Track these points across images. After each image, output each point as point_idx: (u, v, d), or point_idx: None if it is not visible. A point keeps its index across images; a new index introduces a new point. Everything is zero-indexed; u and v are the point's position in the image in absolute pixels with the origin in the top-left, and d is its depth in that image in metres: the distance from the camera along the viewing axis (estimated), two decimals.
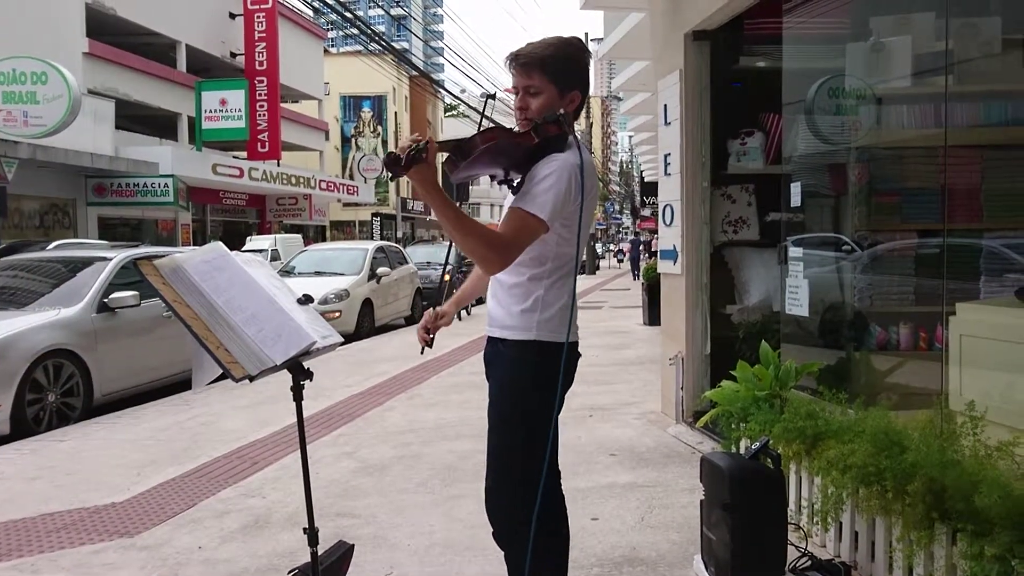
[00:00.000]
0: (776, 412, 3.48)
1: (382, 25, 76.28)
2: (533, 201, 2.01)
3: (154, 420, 6.02)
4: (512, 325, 2.17)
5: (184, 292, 1.91)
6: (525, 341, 2.14)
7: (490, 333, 2.27)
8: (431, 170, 1.89)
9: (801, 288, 4.17)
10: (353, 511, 3.85)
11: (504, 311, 2.19)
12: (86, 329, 6.44)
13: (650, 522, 3.59)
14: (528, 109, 2.12)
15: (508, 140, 1.99)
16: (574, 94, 2.16)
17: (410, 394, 6.87)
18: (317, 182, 27.53)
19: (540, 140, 2.02)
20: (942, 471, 2.41)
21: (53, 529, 3.70)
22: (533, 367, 2.14)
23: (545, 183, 2.02)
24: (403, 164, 1.81)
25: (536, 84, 2.11)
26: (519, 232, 2.01)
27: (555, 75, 2.11)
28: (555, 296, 2.14)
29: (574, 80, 2.15)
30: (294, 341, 1.98)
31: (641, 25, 8.31)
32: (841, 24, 4.53)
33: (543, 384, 2.12)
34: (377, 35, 23.93)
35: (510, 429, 2.19)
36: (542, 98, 2.11)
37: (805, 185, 4.48)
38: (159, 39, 22.04)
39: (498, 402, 2.23)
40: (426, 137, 1.89)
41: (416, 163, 1.83)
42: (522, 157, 2.05)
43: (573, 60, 2.15)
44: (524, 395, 2.16)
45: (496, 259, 1.99)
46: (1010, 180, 3.87)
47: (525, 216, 2.01)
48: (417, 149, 1.81)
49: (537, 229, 2.01)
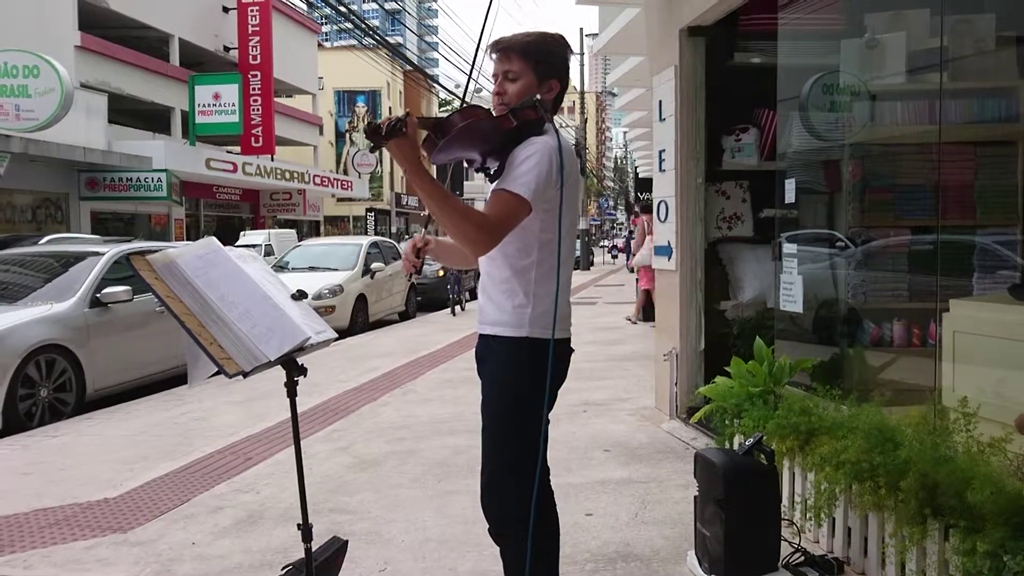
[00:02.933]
0: (770, 408, 3.48)
1: (377, 19, 76.05)
2: (515, 181, 2.02)
3: (147, 416, 6.00)
4: (504, 321, 2.16)
5: (177, 287, 1.90)
6: (518, 338, 2.14)
7: (481, 330, 2.27)
8: (411, 144, 1.90)
9: (795, 284, 4.18)
10: (347, 507, 3.85)
11: (495, 307, 2.19)
12: (78, 324, 6.41)
13: (644, 518, 3.59)
14: (506, 94, 2.13)
15: (487, 121, 2.00)
16: (552, 83, 2.16)
17: (404, 389, 6.86)
18: (311, 177, 27.46)
19: (518, 123, 2.02)
20: (935, 467, 2.42)
21: (46, 525, 3.69)
22: (526, 363, 2.14)
23: (526, 164, 2.03)
24: (383, 134, 1.82)
25: (515, 69, 2.11)
26: (502, 212, 2.01)
27: (535, 62, 2.12)
28: (545, 290, 2.14)
29: (553, 69, 2.16)
30: (288, 337, 1.97)
31: (636, 20, 8.29)
32: (836, 20, 4.53)
33: (537, 380, 2.12)
34: (371, 29, 23.86)
35: (505, 426, 2.18)
36: (520, 83, 2.12)
37: (799, 181, 4.48)
38: (152, 33, 21.93)
39: (492, 399, 2.22)
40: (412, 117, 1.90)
41: (396, 135, 1.84)
42: (499, 141, 2.06)
43: (553, 51, 2.16)
44: (518, 391, 2.16)
45: (482, 239, 1.98)
46: (1003, 177, 3.88)
47: (508, 196, 2.01)
48: (398, 119, 1.82)
49: (520, 209, 2.01)
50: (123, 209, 20.13)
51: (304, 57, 29.47)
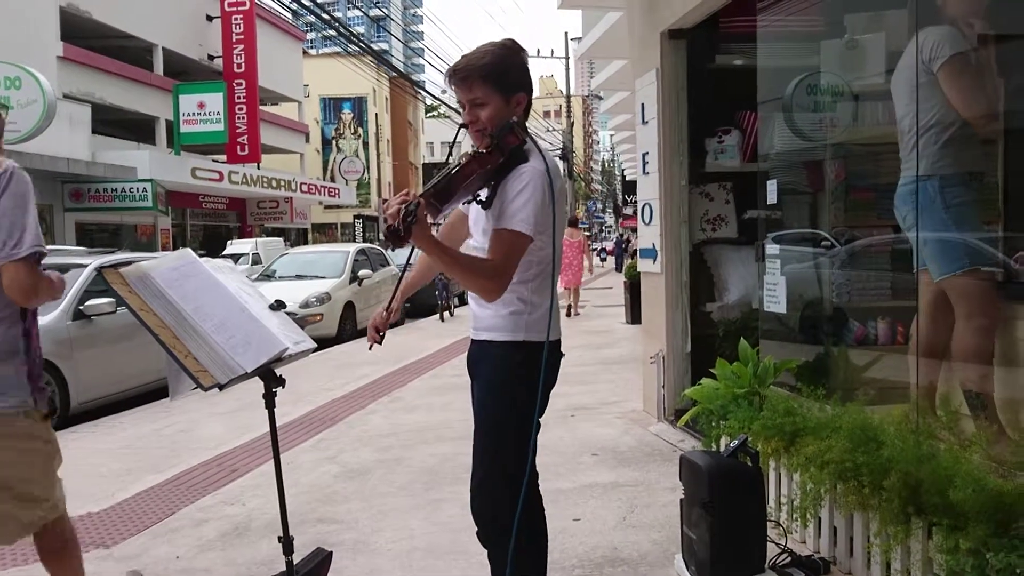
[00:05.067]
0: (755, 409, 3.48)
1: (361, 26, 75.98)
2: (513, 219, 2.03)
3: (132, 428, 5.96)
4: (500, 327, 2.17)
5: (151, 300, 1.87)
6: (514, 342, 2.16)
7: (475, 336, 2.27)
8: (425, 225, 1.91)
9: (779, 285, 4.19)
10: (334, 516, 3.82)
11: (490, 312, 2.19)
12: (61, 337, 6.36)
13: (632, 522, 3.58)
14: (478, 121, 2.11)
15: (480, 169, 2.00)
16: (519, 96, 2.15)
17: (392, 397, 6.84)
18: (298, 185, 27.40)
19: (505, 155, 2.03)
20: (917, 466, 2.42)
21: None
22: (521, 367, 2.15)
23: (521, 198, 2.04)
24: (403, 235, 1.79)
25: (479, 96, 2.09)
26: (509, 253, 2.04)
27: (496, 82, 2.09)
28: (541, 297, 2.16)
29: (516, 83, 2.13)
30: (265, 348, 1.95)
31: (619, 24, 8.32)
32: (815, 22, 4.55)
33: (531, 384, 2.14)
34: (356, 36, 23.82)
35: (499, 429, 2.19)
36: (489, 108, 2.10)
37: (782, 182, 4.50)
38: (135, 42, 21.85)
39: (487, 403, 2.23)
40: (413, 196, 1.87)
41: (415, 225, 1.82)
42: (490, 175, 2.07)
43: (511, 63, 2.13)
44: (513, 395, 2.17)
45: (496, 287, 2.03)
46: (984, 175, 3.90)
47: (510, 236, 2.03)
48: (411, 213, 1.79)
49: (524, 245, 2.05)
50: (108, 220, 20.02)
51: (289, 65, 29.43)
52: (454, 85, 2.13)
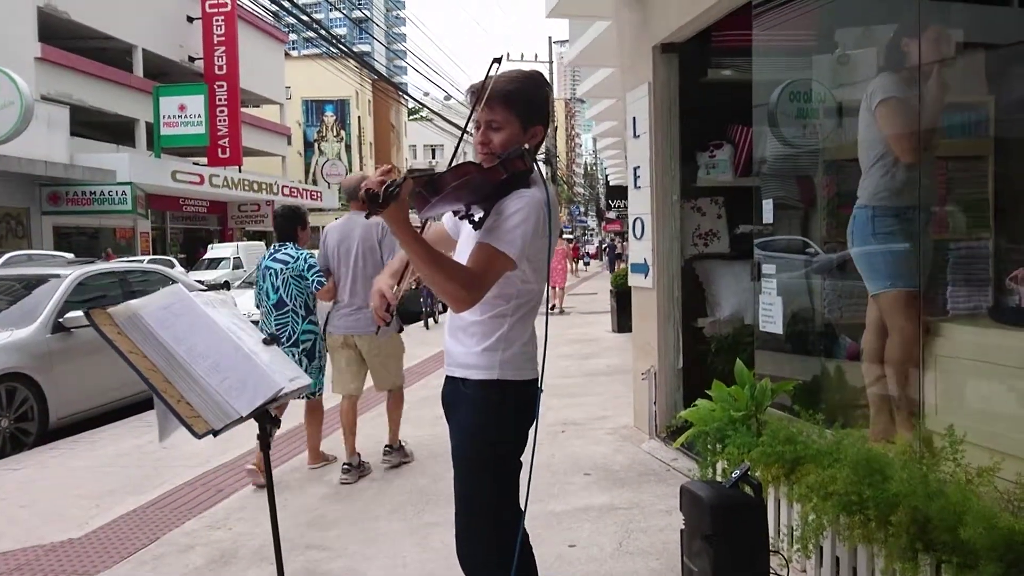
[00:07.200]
0: (753, 434, 3.44)
1: (344, 28, 75.58)
2: (502, 238, 1.95)
3: (113, 444, 5.82)
4: (474, 364, 2.09)
5: (141, 342, 1.79)
6: (488, 380, 2.07)
7: (450, 372, 2.19)
8: (404, 206, 1.83)
9: (775, 305, 4.16)
10: (323, 542, 3.73)
11: (464, 349, 2.11)
12: (40, 351, 6.21)
13: (628, 548, 3.52)
14: (491, 143, 2.05)
15: (478, 176, 1.93)
16: (536, 129, 2.10)
17: (379, 411, 6.72)
18: (280, 188, 27.18)
19: (508, 175, 1.96)
20: (926, 502, 2.38)
21: (6, 571, 3.52)
22: (497, 407, 2.07)
23: (514, 219, 1.96)
24: (381, 202, 1.73)
25: (499, 119, 2.04)
26: (488, 269, 1.95)
27: (518, 110, 2.05)
28: (518, 333, 2.09)
29: (536, 115, 2.09)
30: (261, 390, 1.87)
31: (607, 33, 8.27)
32: (808, 36, 4.53)
33: (508, 424, 2.06)
34: (338, 39, 23.67)
35: (477, 474, 2.10)
36: (504, 133, 2.04)
37: (777, 197, 4.47)
38: (114, 43, 21.56)
39: (463, 447, 2.13)
40: (399, 173, 1.82)
41: (394, 199, 1.76)
42: (488, 192, 2.00)
43: (535, 95, 2.09)
44: (489, 438, 2.08)
45: (466, 296, 1.92)
46: (972, 191, 3.89)
47: (494, 252, 1.95)
48: (395, 183, 1.74)
49: (505, 266, 1.97)
50: (87, 223, 19.73)
51: (271, 66, 29.19)
52: (475, 104, 2.06)
